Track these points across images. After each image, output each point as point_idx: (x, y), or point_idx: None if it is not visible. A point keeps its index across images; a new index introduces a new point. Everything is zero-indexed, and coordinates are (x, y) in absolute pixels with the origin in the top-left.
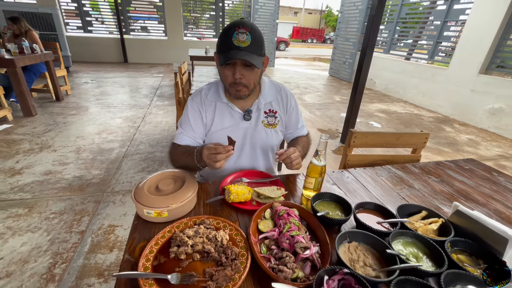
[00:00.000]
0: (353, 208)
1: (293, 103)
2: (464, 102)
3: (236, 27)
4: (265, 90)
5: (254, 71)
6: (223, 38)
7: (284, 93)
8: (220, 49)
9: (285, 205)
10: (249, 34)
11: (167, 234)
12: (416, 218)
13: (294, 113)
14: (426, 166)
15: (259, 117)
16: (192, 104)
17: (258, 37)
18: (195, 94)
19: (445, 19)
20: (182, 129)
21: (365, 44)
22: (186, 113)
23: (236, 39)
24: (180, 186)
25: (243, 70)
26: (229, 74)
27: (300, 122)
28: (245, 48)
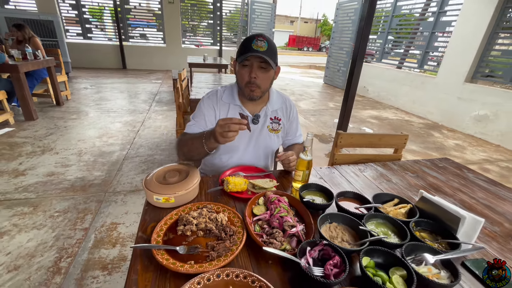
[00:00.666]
0: (335, 195)
1: (295, 113)
2: (451, 109)
3: (256, 36)
4: (273, 98)
5: (268, 74)
6: (244, 43)
7: (289, 103)
8: (240, 52)
9: (277, 194)
10: (266, 42)
11: (174, 216)
12: (389, 205)
13: (295, 123)
14: (405, 164)
15: (265, 122)
16: (207, 101)
17: (273, 46)
18: (211, 93)
19: (433, 30)
20: (195, 121)
21: (355, 53)
22: (200, 107)
23: (255, 44)
24: (184, 177)
25: (258, 71)
26: (246, 74)
27: (298, 130)
28: (262, 52)
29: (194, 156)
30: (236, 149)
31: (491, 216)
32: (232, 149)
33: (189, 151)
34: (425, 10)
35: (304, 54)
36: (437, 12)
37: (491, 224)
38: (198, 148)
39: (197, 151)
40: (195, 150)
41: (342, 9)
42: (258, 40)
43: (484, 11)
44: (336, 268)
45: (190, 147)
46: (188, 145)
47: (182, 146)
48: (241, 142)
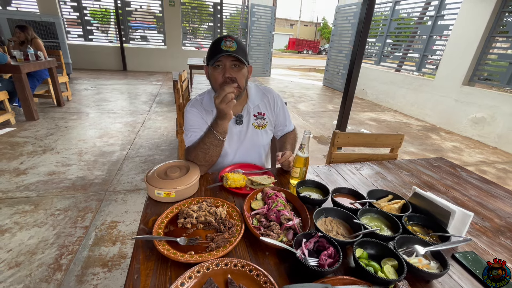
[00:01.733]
0: (331, 191)
1: (279, 103)
2: (449, 112)
3: (224, 37)
4: (252, 95)
5: (241, 72)
6: (212, 47)
7: (271, 95)
8: (210, 56)
9: (274, 189)
10: (235, 41)
11: (175, 210)
12: (384, 201)
13: (281, 113)
14: (400, 163)
15: (249, 120)
16: (193, 109)
17: (242, 46)
18: (193, 102)
19: (431, 34)
20: (191, 132)
21: (354, 55)
22: (188, 118)
23: (224, 45)
24: (185, 173)
25: (231, 71)
26: (219, 75)
27: (287, 119)
28: (232, 51)
29: (213, 155)
30: (226, 152)
31: (482, 212)
32: (222, 154)
33: (206, 153)
34: (423, 14)
35: (304, 57)
36: (434, 16)
37: (482, 219)
38: (212, 141)
39: (213, 146)
40: (211, 147)
41: (341, 13)
42: (226, 41)
43: (481, 15)
44: (331, 259)
45: (203, 148)
46: (200, 148)
47: (196, 156)
48: (230, 145)
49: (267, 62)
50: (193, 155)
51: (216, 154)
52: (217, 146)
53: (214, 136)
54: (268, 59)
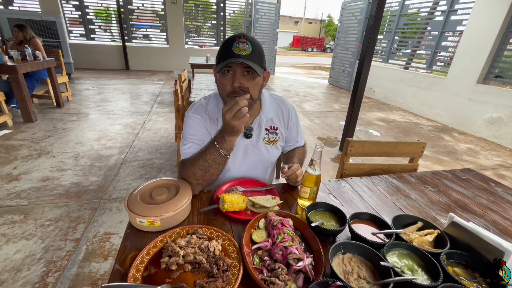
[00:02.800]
0: (348, 218)
1: (294, 118)
2: (462, 111)
3: (237, 37)
4: (266, 106)
5: (255, 81)
6: (223, 48)
7: (285, 107)
8: (220, 58)
9: (280, 215)
10: (249, 43)
11: (159, 244)
12: (412, 229)
13: (295, 128)
14: (423, 176)
15: (260, 134)
16: (195, 116)
17: (258, 48)
18: (196, 107)
19: (443, 30)
20: (190, 142)
21: (363, 53)
22: (189, 124)
23: (236, 47)
24: (174, 194)
25: (242, 79)
26: (228, 83)
27: (299, 134)
28: (245, 56)
29: (213, 173)
30: (227, 167)
31: None
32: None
33: (205, 171)
34: (434, 8)
35: (308, 54)
36: (447, 10)
37: None
38: (215, 158)
39: (215, 164)
40: (213, 164)
41: (348, 9)
42: (239, 42)
43: (497, 9)
44: None
45: (204, 165)
46: (199, 164)
47: (194, 173)
48: (233, 160)
49: (271, 61)
50: (190, 172)
51: (218, 173)
52: (220, 164)
53: (218, 153)
54: (272, 57)
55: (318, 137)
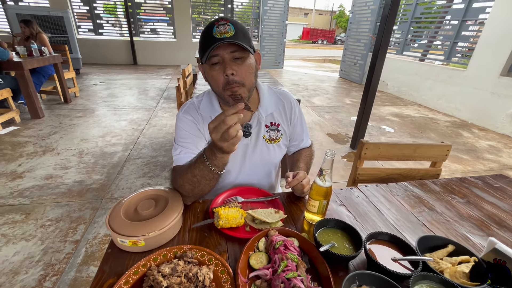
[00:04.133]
0: (364, 240)
1: (297, 112)
2: (483, 106)
3: (215, 22)
4: (265, 100)
5: (247, 64)
6: (203, 37)
7: (287, 101)
8: (202, 50)
9: (283, 233)
10: (230, 24)
11: (141, 269)
12: (441, 254)
13: (299, 124)
14: (449, 184)
15: (259, 132)
16: (186, 117)
17: (242, 28)
18: (187, 107)
19: (463, 18)
20: (180, 147)
21: (378, 45)
22: (180, 127)
23: (218, 31)
24: (162, 209)
25: (233, 65)
26: (219, 74)
27: (304, 132)
28: (229, 37)
29: (204, 189)
30: (227, 171)
31: None
32: None
33: (194, 187)
34: None
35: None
36: None
37: None
38: (205, 175)
39: (205, 180)
40: (202, 180)
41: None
42: (219, 26)
43: None
44: None
45: (191, 179)
46: (188, 178)
47: (181, 185)
48: (232, 162)
49: (280, 54)
50: (179, 184)
51: (209, 188)
52: (212, 180)
53: (208, 169)
54: (281, 50)
55: (328, 133)
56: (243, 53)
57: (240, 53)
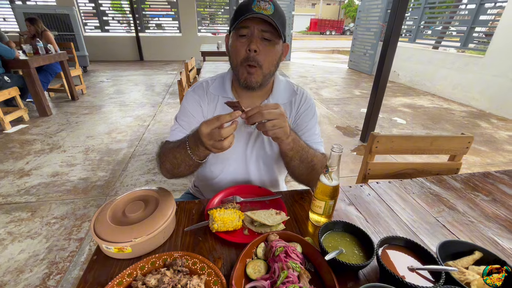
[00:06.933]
0: (376, 246)
1: (308, 106)
2: (503, 95)
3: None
4: (278, 89)
5: (274, 49)
6: (241, 6)
7: (304, 97)
8: (236, 18)
9: (285, 237)
10: (272, 4)
11: (126, 279)
12: (466, 263)
13: (308, 118)
14: (471, 179)
15: None
16: (192, 96)
17: (281, 12)
18: (197, 85)
19: (481, 2)
20: (178, 124)
21: (389, 33)
22: (184, 105)
23: (257, 5)
24: (151, 211)
25: (260, 43)
26: (242, 47)
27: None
28: (267, 16)
29: (183, 172)
30: (227, 159)
31: None
32: (222, 159)
33: (174, 167)
34: None
35: (327, 38)
36: None
37: None
38: (185, 160)
39: (185, 165)
40: (182, 164)
41: None
42: (261, 1)
43: None
44: None
45: (172, 161)
46: (169, 158)
47: (164, 162)
48: (234, 150)
49: None
50: (162, 160)
51: (189, 172)
52: (192, 167)
53: (189, 157)
54: (288, 42)
55: (337, 126)
56: (273, 36)
57: (271, 35)
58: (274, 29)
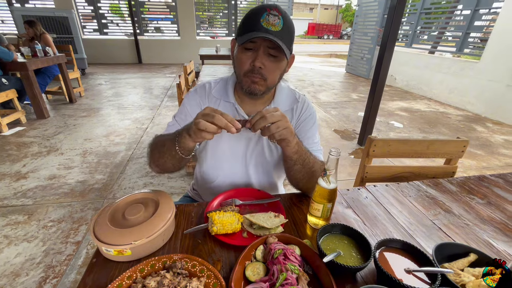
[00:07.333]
0: (373, 248)
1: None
2: (498, 99)
3: (267, 8)
4: (280, 96)
5: (278, 65)
6: (249, 18)
7: (305, 106)
8: (243, 30)
9: (283, 240)
10: (281, 18)
11: (125, 281)
12: (462, 265)
13: (308, 126)
14: (466, 183)
15: None
16: (193, 96)
17: (290, 25)
18: (200, 86)
19: (476, 8)
20: (175, 121)
21: (385, 38)
22: (184, 103)
23: (266, 20)
24: (150, 214)
25: (266, 60)
26: (247, 60)
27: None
28: (275, 32)
29: (166, 163)
30: (226, 162)
31: None
32: (221, 162)
33: (160, 156)
34: None
35: (324, 42)
36: None
37: None
38: (170, 149)
39: (169, 155)
40: (167, 153)
41: None
42: (270, 15)
43: None
44: None
45: (160, 149)
46: (158, 147)
47: (153, 151)
48: (232, 154)
49: None
50: (152, 148)
51: (171, 166)
52: (174, 158)
53: (173, 146)
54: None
55: (335, 130)
56: (279, 53)
57: (277, 51)
58: (279, 47)
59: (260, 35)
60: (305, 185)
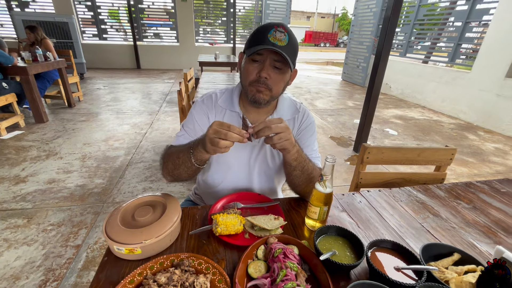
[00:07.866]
0: (366, 248)
1: (309, 123)
2: (489, 108)
3: (275, 25)
4: (283, 106)
5: (283, 77)
6: (257, 33)
7: (305, 115)
8: (251, 43)
9: (283, 240)
10: (287, 35)
11: (137, 278)
12: (446, 263)
13: (308, 135)
14: (454, 189)
15: None
16: (201, 106)
17: (295, 42)
18: (207, 97)
19: (467, 20)
20: (184, 131)
21: (380, 47)
22: (192, 113)
23: (273, 36)
24: (159, 215)
25: (271, 71)
26: (254, 71)
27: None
28: (281, 47)
29: (182, 174)
30: (230, 168)
31: None
32: (225, 168)
33: (174, 168)
34: None
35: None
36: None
37: None
38: (186, 161)
39: (184, 166)
40: (182, 165)
41: (362, 1)
42: (277, 31)
43: None
44: None
45: (175, 161)
46: (172, 159)
47: (166, 162)
48: (236, 160)
49: None
50: (165, 160)
51: (186, 176)
52: (190, 169)
53: (188, 158)
54: None
55: (331, 136)
56: (284, 66)
57: (282, 64)
58: (285, 59)
59: (267, 47)
60: (304, 190)
